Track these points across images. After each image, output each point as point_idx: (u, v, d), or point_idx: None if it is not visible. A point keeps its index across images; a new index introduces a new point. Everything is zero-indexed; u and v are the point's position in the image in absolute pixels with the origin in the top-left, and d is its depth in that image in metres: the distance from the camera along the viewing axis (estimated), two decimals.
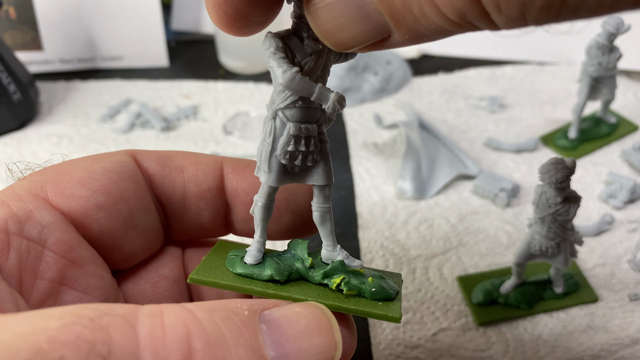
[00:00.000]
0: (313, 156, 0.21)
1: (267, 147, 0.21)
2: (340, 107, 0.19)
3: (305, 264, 0.23)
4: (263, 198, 0.22)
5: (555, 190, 0.30)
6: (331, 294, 0.22)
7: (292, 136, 0.20)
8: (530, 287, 0.37)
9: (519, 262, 0.35)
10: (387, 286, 0.22)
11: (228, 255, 0.23)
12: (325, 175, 0.22)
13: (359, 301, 0.22)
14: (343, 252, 0.23)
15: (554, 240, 0.33)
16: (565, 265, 0.34)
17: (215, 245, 0.24)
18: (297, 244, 0.24)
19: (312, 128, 0.20)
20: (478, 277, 0.38)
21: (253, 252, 0.23)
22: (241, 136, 0.53)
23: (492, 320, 0.35)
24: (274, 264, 0.23)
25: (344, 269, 0.23)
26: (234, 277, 0.22)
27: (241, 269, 0.22)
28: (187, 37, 0.73)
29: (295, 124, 0.20)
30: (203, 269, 0.23)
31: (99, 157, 0.21)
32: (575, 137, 0.49)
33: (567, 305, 0.36)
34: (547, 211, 0.31)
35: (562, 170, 0.29)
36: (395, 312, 0.22)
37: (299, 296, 0.22)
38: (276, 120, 0.20)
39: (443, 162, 0.47)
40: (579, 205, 0.31)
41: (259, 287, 0.22)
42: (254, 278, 0.22)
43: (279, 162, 0.21)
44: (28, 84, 0.55)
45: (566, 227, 0.32)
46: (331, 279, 0.22)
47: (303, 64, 0.19)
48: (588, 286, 0.37)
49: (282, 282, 0.22)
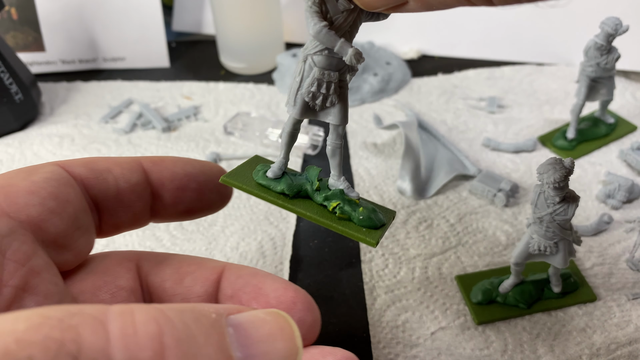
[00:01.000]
0: (332, 99, 0.25)
1: (295, 85, 0.25)
2: (357, 61, 0.22)
3: (313, 187, 0.27)
4: (289, 126, 0.26)
5: (554, 190, 0.31)
6: (327, 214, 0.26)
7: (315, 79, 0.24)
8: (529, 286, 0.37)
9: (517, 262, 0.35)
10: (375, 217, 0.26)
11: (256, 168, 0.28)
12: (340, 116, 0.25)
13: (347, 224, 0.26)
14: (345, 183, 0.27)
15: (552, 240, 0.33)
16: (563, 265, 0.34)
17: (250, 158, 0.29)
18: (311, 169, 0.28)
19: (334, 75, 0.24)
20: (477, 277, 0.38)
21: (274, 168, 0.27)
22: (242, 136, 0.53)
23: (491, 319, 0.36)
24: (287, 180, 0.27)
25: (342, 197, 0.26)
26: (255, 185, 0.27)
27: (262, 180, 0.27)
28: (188, 38, 0.74)
29: (320, 70, 0.24)
30: (234, 174, 0.27)
31: (30, 169, 0.23)
32: (573, 138, 0.49)
33: (565, 304, 0.36)
34: (546, 211, 0.32)
35: (560, 171, 0.30)
36: (373, 238, 0.25)
37: (301, 210, 0.26)
38: (306, 63, 0.24)
39: (442, 162, 0.47)
40: (577, 205, 0.32)
41: (271, 197, 0.26)
42: (269, 189, 0.27)
43: (302, 99, 0.25)
44: (30, 85, 0.56)
45: (564, 227, 0.32)
46: (330, 202, 0.26)
47: (334, 19, 0.23)
48: (587, 285, 0.37)
49: (291, 197, 0.27)
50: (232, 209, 0.45)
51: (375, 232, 0.26)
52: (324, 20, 0.22)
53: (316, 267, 0.40)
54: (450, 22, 0.65)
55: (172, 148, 0.53)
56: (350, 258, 0.41)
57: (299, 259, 0.41)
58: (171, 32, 0.74)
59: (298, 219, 0.45)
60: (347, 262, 0.41)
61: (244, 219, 0.44)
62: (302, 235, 0.43)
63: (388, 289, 0.38)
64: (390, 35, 0.67)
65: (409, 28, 0.67)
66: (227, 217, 0.45)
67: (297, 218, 0.45)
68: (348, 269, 0.40)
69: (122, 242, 0.43)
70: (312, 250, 0.42)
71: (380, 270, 0.40)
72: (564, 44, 0.62)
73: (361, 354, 0.35)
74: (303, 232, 0.43)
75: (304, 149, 0.51)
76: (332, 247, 0.42)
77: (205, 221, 0.44)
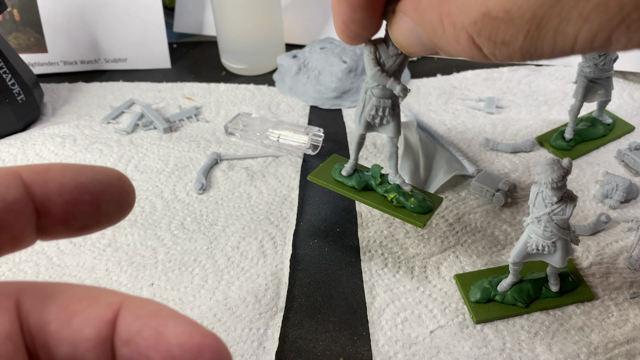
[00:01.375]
0: (387, 119, 0.33)
1: (359, 109, 0.34)
2: (404, 94, 0.31)
3: (376, 182, 0.37)
4: (356, 138, 0.36)
5: (552, 190, 0.31)
6: (387, 203, 0.36)
7: (374, 106, 0.33)
8: (527, 285, 0.37)
9: (515, 261, 0.35)
10: (423, 205, 0.35)
11: (335, 166, 0.38)
12: (394, 130, 0.34)
13: (402, 211, 0.36)
14: (400, 179, 0.37)
15: (550, 240, 0.33)
16: (562, 264, 0.34)
17: (330, 157, 0.40)
18: (375, 167, 0.37)
19: (387, 102, 0.32)
20: (476, 276, 0.39)
21: (347, 168, 0.38)
22: (242, 137, 0.54)
23: (489, 318, 0.36)
24: (357, 178, 0.37)
25: (398, 189, 0.36)
26: (333, 181, 0.38)
27: (338, 177, 0.38)
28: (189, 39, 0.74)
29: (377, 99, 0.32)
30: (317, 172, 0.38)
31: None
32: (571, 138, 0.50)
33: (563, 303, 0.37)
34: (544, 211, 0.32)
35: (558, 171, 0.30)
36: (421, 221, 0.35)
37: (367, 200, 0.36)
38: (366, 94, 0.33)
39: (441, 162, 0.48)
40: (575, 205, 0.32)
41: (345, 190, 0.37)
42: (344, 184, 0.37)
43: (365, 120, 0.34)
44: (32, 86, 0.56)
45: (562, 227, 0.33)
46: (389, 194, 0.36)
47: (385, 62, 0.30)
48: (585, 285, 0.38)
49: (360, 189, 0.37)
50: (232, 208, 0.46)
51: (423, 217, 0.35)
52: (378, 65, 0.30)
53: (316, 267, 0.41)
54: None
55: (174, 148, 0.53)
56: (350, 257, 0.41)
57: (299, 258, 0.42)
58: (172, 33, 0.74)
59: (298, 219, 0.45)
60: (347, 261, 0.41)
61: (245, 219, 0.45)
62: (302, 234, 0.44)
63: (387, 288, 0.39)
64: None
65: None
66: (228, 217, 0.45)
67: (297, 218, 0.45)
68: (348, 268, 0.41)
69: (123, 242, 0.43)
70: (312, 249, 0.42)
71: (379, 270, 0.40)
72: None
73: (361, 353, 0.35)
74: (303, 232, 0.44)
75: (304, 149, 0.51)
76: (332, 246, 0.42)
77: (206, 220, 0.45)
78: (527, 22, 0.14)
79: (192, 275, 0.40)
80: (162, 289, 0.39)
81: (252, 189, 0.48)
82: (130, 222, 0.45)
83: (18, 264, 0.41)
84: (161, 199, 0.47)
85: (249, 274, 0.40)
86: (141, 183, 0.49)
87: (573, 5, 0.13)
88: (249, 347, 0.35)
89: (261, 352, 0.35)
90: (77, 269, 0.41)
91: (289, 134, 0.52)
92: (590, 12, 0.13)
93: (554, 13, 0.14)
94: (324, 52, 0.60)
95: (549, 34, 0.14)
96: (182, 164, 0.51)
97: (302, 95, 0.59)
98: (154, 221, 0.45)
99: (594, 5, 0.13)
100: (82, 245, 0.43)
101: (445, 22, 0.17)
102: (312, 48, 0.61)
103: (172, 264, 0.41)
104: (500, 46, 0.16)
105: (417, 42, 0.21)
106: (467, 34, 0.16)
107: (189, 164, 0.51)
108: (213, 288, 0.39)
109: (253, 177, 0.49)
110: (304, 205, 0.46)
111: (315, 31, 0.69)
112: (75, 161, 0.51)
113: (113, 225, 0.22)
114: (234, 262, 0.41)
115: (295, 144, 0.51)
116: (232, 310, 0.37)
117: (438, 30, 0.18)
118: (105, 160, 0.52)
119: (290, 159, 0.51)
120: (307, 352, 0.35)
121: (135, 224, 0.45)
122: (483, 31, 0.16)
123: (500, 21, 0.15)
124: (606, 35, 0.13)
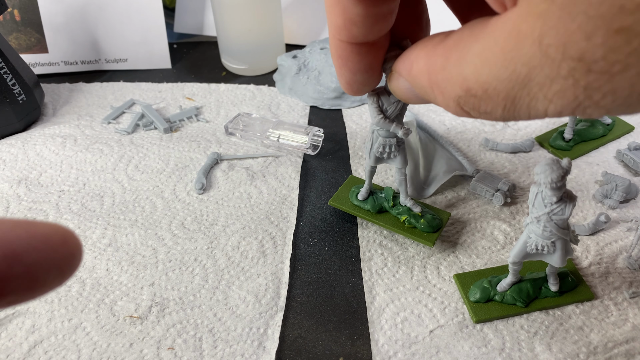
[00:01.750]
0: (394, 153, 0.38)
1: (368, 146, 0.38)
2: (406, 136, 0.35)
3: (389, 204, 0.42)
4: (367, 168, 0.41)
5: (551, 190, 0.31)
6: (399, 224, 0.41)
7: (381, 144, 0.38)
8: (526, 285, 0.37)
9: (515, 261, 0.35)
10: (433, 224, 0.40)
11: (352, 189, 0.44)
12: (401, 162, 0.39)
13: (414, 231, 0.40)
14: (411, 201, 0.41)
15: (549, 240, 0.33)
16: (561, 264, 0.34)
17: (347, 179, 0.45)
18: (388, 189, 0.42)
19: (392, 141, 0.37)
20: (475, 275, 0.39)
21: (362, 193, 0.42)
22: (243, 137, 0.54)
23: (489, 317, 0.36)
24: (372, 202, 0.42)
25: (408, 212, 0.41)
26: (350, 205, 0.43)
27: (355, 201, 0.43)
28: (189, 40, 0.74)
29: (383, 138, 0.37)
30: (337, 196, 0.44)
31: None
32: (570, 138, 0.50)
33: (563, 303, 0.37)
34: (543, 211, 0.32)
35: (557, 171, 0.30)
36: (430, 240, 0.40)
37: (382, 222, 0.41)
38: (373, 134, 0.37)
39: (441, 162, 0.48)
40: (574, 205, 0.32)
41: (361, 214, 0.42)
42: (360, 207, 0.42)
43: (374, 155, 0.39)
44: (33, 86, 0.56)
45: (562, 227, 0.33)
46: (401, 216, 0.41)
47: (387, 109, 0.34)
48: (584, 284, 0.38)
49: (374, 212, 0.42)
50: (233, 208, 0.46)
51: (432, 235, 0.40)
52: (382, 113, 0.34)
53: (316, 266, 0.41)
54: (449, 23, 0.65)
55: (174, 148, 0.53)
56: (349, 257, 0.41)
57: (299, 258, 0.42)
58: (173, 33, 0.74)
59: (298, 219, 0.45)
60: (347, 261, 0.41)
61: (245, 219, 0.45)
62: (302, 234, 0.44)
63: (387, 288, 0.39)
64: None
65: None
66: (228, 217, 0.45)
67: (297, 218, 0.45)
68: (348, 267, 0.41)
69: (124, 242, 0.43)
70: (312, 249, 0.42)
71: (379, 269, 0.40)
72: None
73: (360, 352, 0.35)
74: (303, 232, 0.44)
75: (304, 149, 0.51)
76: (332, 246, 0.42)
77: (206, 220, 0.45)
78: (503, 100, 0.16)
79: (192, 275, 0.40)
80: (163, 289, 0.39)
81: (252, 189, 0.48)
82: (130, 222, 0.45)
83: None
84: (161, 199, 0.47)
85: (249, 273, 0.40)
86: (142, 183, 0.49)
87: (538, 90, 0.15)
88: (249, 347, 0.35)
89: (261, 352, 0.35)
90: None
91: (289, 134, 0.52)
92: (552, 97, 0.15)
93: (524, 94, 0.15)
94: (324, 52, 0.60)
95: (523, 108, 0.16)
96: (182, 164, 0.51)
97: (302, 96, 0.60)
98: (155, 221, 0.45)
99: (555, 92, 0.15)
100: (83, 245, 0.43)
101: (435, 91, 0.19)
102: (312, 48, 0.61)
103: (172, 264, 0.41)
104: (484, 114, 0.18)
105: (414, 97, 0.23)
106: (455, 102, 0.18)
107: (189, 164, 0.51)
108: (213, 288, 0.39)
109: (253, 177, 0.49)
110: (304, 205, 0.46)
111: (315, 31, 0.69)
112: (76, 161, 0.52)
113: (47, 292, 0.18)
114: (234, 261, 0.41)
115: (295, 144, 0.51)
116: (232, 310, 0.38)
117: (430, 95, 0.20)
118: (106, 160, 0.52)
119: (291, 159, 0.51)
120: (307, 351, 0.35)
121: (135, 224, 0.45)
122: (467, 104, 0.18)
123: (480, 98, 0.17)
124: (571, 112, 0.15)
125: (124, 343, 0.36)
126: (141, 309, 0.38)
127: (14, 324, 0.37)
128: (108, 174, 0.50)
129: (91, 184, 0.49)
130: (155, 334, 0.36)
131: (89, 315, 0.37)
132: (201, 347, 0.35)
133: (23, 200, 0.47)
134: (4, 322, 0.37)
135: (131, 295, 0.39)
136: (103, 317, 0.37)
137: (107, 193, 0.48)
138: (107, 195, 0.48)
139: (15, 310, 0.38)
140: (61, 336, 0.36)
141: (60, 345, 0.36)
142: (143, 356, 0.35)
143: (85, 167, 0.51)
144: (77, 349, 0.35)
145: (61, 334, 0.36)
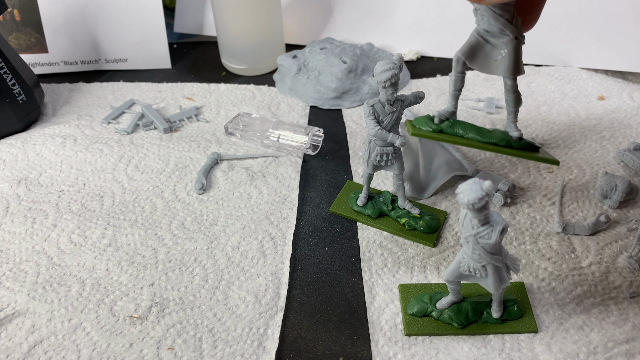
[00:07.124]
0: (391, 161, 0.40)
1: (366, 155, 0.40)
2: (402, 146, 0.37)
3: (388, 208, 0.43)
4: (365, 175, 0.42)
5: (472, 212, 0.28)
6: (399, 227, 0.42)
7: (378, 153, 0.40)
8: (467, 306, 0.35)
9: (449, 280, 0.34)
10: (431, 225, 0.42)
11: (350, 195, 0.45)
12: (398, 168, 0.41)
13: (413, 233, 0.42)
14: (409, 204, 0.43)
15: (479, 263, 0.31)
16: (494, 291, 0.33)
17: (345, 185, 0.47)
18: (386, 193, 0.44)
19: (388, 149, 0.39)
20: (420, 288, 0.38)
21: (362, 198, 0.44)
22: (243, 137, 0.54)
23: (421, 333, 0.35)
24: (372, 206, 0.43)
25: (407, 214, 0.42)
26: (351, 211, 0.44)
27: (355, 207, 0.44)
28: (189, 40, 0.74)
29: (380, 147, 0.39)
30: (337, 203, 0.45)
31: None
32: (446, 119, 0.39)
33: (503, 331, 0.35)
34: (470, 232, 0.30)
35: (476, 192, 0.27)
36: (430, 241, 0.41)
37: (382, 226, 0.42)
38: (370, 144, 0.40)
39: (440, 162, 0.48)
40: (502, 231, 0.29)
41: (362, 219, 0.43)
42: (361, 213, 0.44)
43: (372, 163, 0.41)
44: (33, 86, 0.56)
45: (491, 251, 0.30)
46: (400, 219, 0.42)
47: (383, 120, 0.37)
48: (531, 315, 0.36)
49: (375, 217, 0.43)
50: (233, 208, 0.46)
51: (432, 235, 0.42)
52: (378, 125, 0.37)
53: (316, 266, 0.41)
54: (449, 24, 0.66)
55: (174, 149, 0.53)
56: (349, 257, 0.41)
57: (299, 258, 0.42)
58: (173, 33, 0.74)
59: (298, 219, 0.45)
60: (347, 261, 0.41)
61: (245, 219, 0.45)
62: (302, 234, 0.44)
63: (387, 288, 0.39)
64: (390, 37, 0.67)
65: (408, 30, 0.67)
66: (228, 217, 0.45)
67: (297, 218, 0.45)
68: (348, 267, 0.41)
69: (124, 242, 0.43)
70: (312, 249, 0.42)
71: (379, 269, 0.40)
72: (561, 45, 0.62)
73: (360, 353, 0.35)
74: (303, 232, 0.44)
75: (304, 149, 0.51)
76: (332, 246, 0.42)
77: (206, 220, 0.45)
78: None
79: (192, 275, 0.40)
80: (163, 289, 0.39)
81: (252, 189, 0.48)
82: (130, 222, 0.45)
83: (19, 264, 0.41)
84: (161, 199, 0.47)
85: (249, 273, 0.40)
86: (141, 183, 0.49)
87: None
88: (249, 347, 0.35)
89: (261, 352, 0.35)
90: (77, 268, 0.41)
91: (289, 134, 0.52)
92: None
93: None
94: (324, 53, 0.60)
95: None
96: (182, 164, 0.51)
97: (302, 96, 0.60)
98: (155, 221, 0.45)
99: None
100: (83, 245, 0.43)
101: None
102: (312, 48, 0.61)
103: (172, 264, 0.41)
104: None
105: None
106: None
107: (189, 164, 0.51)
108: (213, 288, 0.39)
109: (253, 177, 0.49)
110: (304, 206, 0.46)
111: (315, 31, 0.69)
112: (76, 161, 0.52)
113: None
114: (234, 262, 0.41)
115: (295, 144, 0.51)
116: (232, 310, 0.38)
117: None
118: (106, 160, 0.52)
119: (290, 159, 0.51)
120: (307, 351, 0.35)
121: (135, 224, 0.45)
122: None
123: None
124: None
125: (124, 343, 0.36)
126: (141, 309, 0.38)
127: (14, 324, 0.37)
128: (108, 174, 0.50)
129: (91, 184, 0.49)
130: (155, 334, 0.36)
131: (89, 316, 0.37)
132: (201, 347, 0.35)
133: (23, 200, 0.47)
134: (4, 322, 0.37)
135: (131, 296, 0.39)
136: (103, 317, 0.37)
137: (107, 193, 0.48)
138: (107, 195, 0.48)
139: (15, 311, 0.38)
140: (61, 336, 0.36)
141: (60, 346, 0.36)
142: (143, 356, 0.35)
143: (85, 167, 0.51)
144: (77, 349, 0.35)
145: (61, 334, 0.36)
